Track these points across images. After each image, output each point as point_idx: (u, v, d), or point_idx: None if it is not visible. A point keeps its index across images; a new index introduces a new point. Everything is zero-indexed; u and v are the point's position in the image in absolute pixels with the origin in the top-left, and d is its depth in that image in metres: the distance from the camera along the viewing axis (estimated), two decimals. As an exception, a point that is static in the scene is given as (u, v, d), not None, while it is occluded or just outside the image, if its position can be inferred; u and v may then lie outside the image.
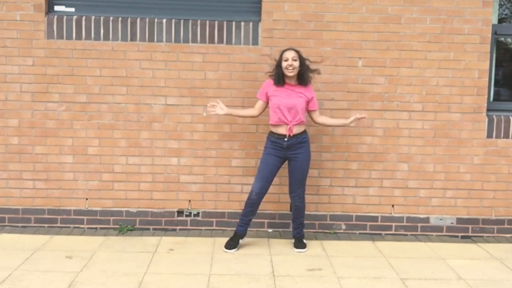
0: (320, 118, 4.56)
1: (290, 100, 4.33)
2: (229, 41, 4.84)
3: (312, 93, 4.47)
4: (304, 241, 4.61)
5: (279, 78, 4.38)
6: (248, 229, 4.59)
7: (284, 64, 4.32)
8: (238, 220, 4.56)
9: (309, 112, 4.51)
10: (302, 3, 4.80)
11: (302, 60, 4.38)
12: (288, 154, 4.40)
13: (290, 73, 4.32)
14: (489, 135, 4.97)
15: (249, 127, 4.88)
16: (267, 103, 4.47)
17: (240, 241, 4.55)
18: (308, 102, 4.43)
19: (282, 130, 4.36)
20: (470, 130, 4.95)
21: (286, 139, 4.35)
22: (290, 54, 4.33)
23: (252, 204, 4.45)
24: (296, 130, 4.36)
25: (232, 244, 4.49)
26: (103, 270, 3.96)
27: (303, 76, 4.39)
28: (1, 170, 4.87)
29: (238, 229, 4.53)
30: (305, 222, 4.94)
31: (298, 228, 4.60)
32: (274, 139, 4.39)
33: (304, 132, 4.44)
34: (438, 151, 4.96)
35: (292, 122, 4.32)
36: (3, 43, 4.76)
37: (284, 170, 4.58)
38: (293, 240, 4.63)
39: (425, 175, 4.98)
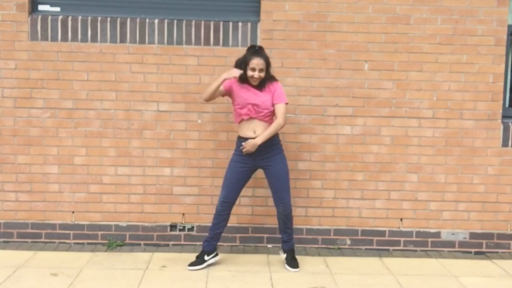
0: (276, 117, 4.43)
1: (257, 98, 4.37)
2: (225, 43, 4.90)
3: (275, 87, 4.43)
4: (296, 257, 4.63)
5: (243, 78, 4.38)
6: (247, 244, 4.63)
7: (249, 72, 4.33)
8: (230, 235, 4.58)
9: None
10: (304, 2, 4.87)
11: (268, 68, 4.39)
12: (258, 162, 4.42)
13: (254, 82, 4.38)
14: (505, 144, 5.03)
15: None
16: (225, 95, 4.49)
17: (206, 258, 4.51)
18: (272, 98, 4.40)
19: (249, 133, 4.37)
20: (484, 138, 5.02)
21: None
22: (258, 65, 4.31)
23: (218, 215, 4.49)
24: (263, 129, 4.36)
25: (196, 261, 4.49)
26: (90, 289, 4.03)
27: (264, 82, 4.40)
28: (-19, 181, 4.94)
29: (204, 245, 4.55)
30: (308, 237, 5.03)
31: (290, 240, 4.60)
32: (241, 144, 4.40)
33: (274, 135, 4.41)
34: (449, 160, 5.02)
35: (257, 116, 4.35)
36: (-16, 45, 4.83)
37: (289, 181, 4.66)
38: (283, 256, 4.60)
39: (436, 187, 5.05)
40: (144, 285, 4.09)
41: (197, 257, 4.54)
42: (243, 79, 4.40)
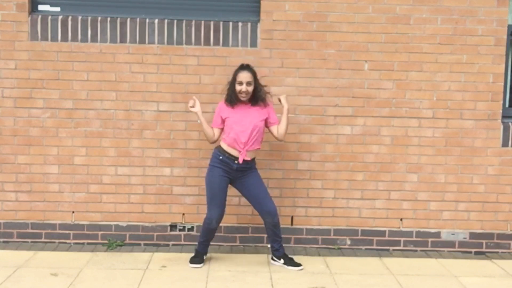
0: (279, 131, 4.53)
1: (247, 120, 4.39)
2: (225, 43, 4.92)
3: (268, 107, 4.51)
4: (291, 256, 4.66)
5: (232, 97, 4.41)
6: (247, 244, 4.65)
7: (237, 87, 4.36)
8: (230, 235, 4.61)
9: (268, 128, 4.55)
10: (304, 2, 4.88)
11: (256, 81, 4.42)
12: (236, 176, 4.46)
13: (243, 98, 4.40)
14: (505, 144, 5.05)
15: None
16: (223, 128, 4.52)
17: (204, 257, 4.63)
18: (266, 119, 4.49)
19: (235, 152, 4.41)
20: (484, 138, 5.04)
21: (236, 162, 4.40)
22: (245, 78, 4.36)
23: (213, 231, 4.52)
24: (249, 155, 4.42)
25: (197, 259, 4.57)
26: (91, 289, 4.05)
27: (256, 97, 4.43)
28: (-19, 181, 4.96)
29: (199, 248, 4.62)
30: (308, 237, 5.05)
31: (282, 247, 4.61)
32: (224, 158, 4.42)
33: (254, 158, 4.51)
34: (449, 160, 5.04)
35: (246, 147, 4.38)
36: (-16, 45, 4.85)
37: (289, 181, 4.71)
38: (281, 262, 4.60)
39: (435, 187, 5.06)
40: (144, 285, 4.11)
41: (195, 256, 4.60)
42: (233, 100, 4.41)
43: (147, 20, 4.90)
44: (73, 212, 5.00)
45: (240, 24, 4.93)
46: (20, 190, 4.96)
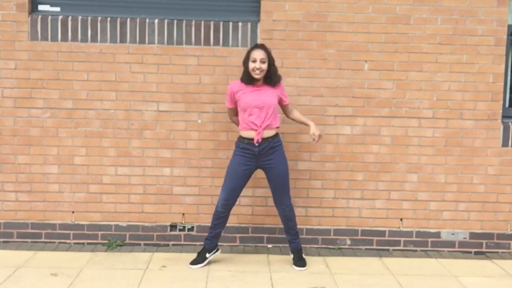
0: (292, 114, 4.65)
1: (259, 98, 4.38)
2: (225, 43, 4.93)
3: (282, 88, 4.54)
4: (304, 256, 4.68)
5: (248, 76, 4.41)
6: (247, 244, 4.66)
7: (251, 65, 4.35)
8: (230, 235, 4.63)
9: (281, 106, 4.60)
10: (304, 2, 4.89)
11: (271, 60, 4.41)
12: (260, 162, 4.44)
13: (257, 75, 4.36)
14: (505, 144, 5.06)
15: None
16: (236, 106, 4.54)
17: (208, 255, 4.59)
18: (280, 98, 4.51)
19: (252, 134, 4.39)
20: (484, 138, 5.04)
21: (257, 144, 4.38)
22: (258, 55, 4.34)
23: (219, 216, 4.52)
24: (266, 134, 4.40)
25: (197, 259, 4.56)
26: (91, 289, 4.05)
27: (271, 78, 4.44)
28: (-19, 181, 4.97)
29: (206, 243, 4.61)
30: (308, 237, 5.05)
31: (296, 240, 4.65)
32: (244, 145, 4.41)
33: (277, 135, 4.47)
34: (449, 160, 5.05)
35: (262, 126, 4.37)
36: (-16, 45, 4.86)
37: (289, 181, 4.68)
38: (291, 256, 4.68)
39: (435, 187, 5.07)
40: (144, 285, 4.11)
41: (198, 254, 4.59)
42: (248, 79, 4.41)
43: (147, 20, 4.90)
44: (73, 212, 5.01)
45: (240, 24, 4.93)
46: (20, 190, 4.97)
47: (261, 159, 4.42)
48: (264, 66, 4.35)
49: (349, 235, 5.11)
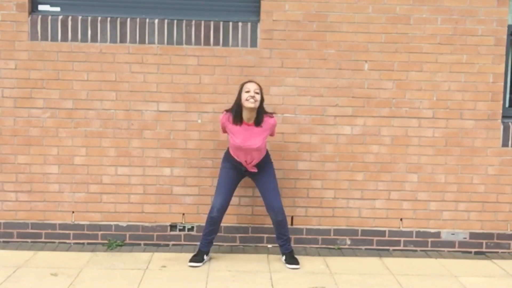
0: None
1: (250, 142, 4.39)
2: (225, 43, 4.93)
3: (270, 123, 4.48)
4: (296, 256, 4.68)
5: (237, 116, 4.37)
6: (247, 244, 4.67)
7: (245, 95, 4.31)
8: (230, 235, 4.66)
9: None
10: (304, 2, 4.89)
11: (262, 96, 4.39)
12: (249, 175, 4.59)
13: (251, 104, 4.27)
14: (505, 144, 5.06)
15: (247, 135, 4.97)
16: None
17: (205, 257, 4.64)
18: (267, 133, 4.51)
19: (241, 159, 4.49)
20: (484, 138, 5.04)
21: (244, 167, 4.53)
22: (252, 86, 4.35)
23: (214, 222, 4.56)
24: (256, 159, 4.50)
25: (197, 258, 4.59)
26: (91, 289, 4.05)
27: (260, 116, 4.40)
28: (-19, 181, 4.97)
29: (201, 246, 4.65)
30: (308, 237, 5.05)
31: (286, 244, 4.66)
32: (233, 162, 4.53)
33: (265, 156, 4.57)
34: (449, 160, 5.05)
35: (250, 163, 4.48)
36: (-16, 45, 4.86)
37: (289, 181, 4.72)
38: (282, 258, 4.68)
39: (435, 187, 5.07)
40: (144, 285, 4.11)
41: (195, 255, 4.61)
42: (237, 118, 4.39)
43: (147, 20, 4.90)
44: (73, 212, 5.01)
45: (240, 24, 4.93)
46: (20, 190, 4.97)
47: (248, 172, 4.56)
48: (258, 97, 4.32)
49: (349, 235, 5.11)
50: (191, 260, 4.57)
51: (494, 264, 4.86)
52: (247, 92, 4.31)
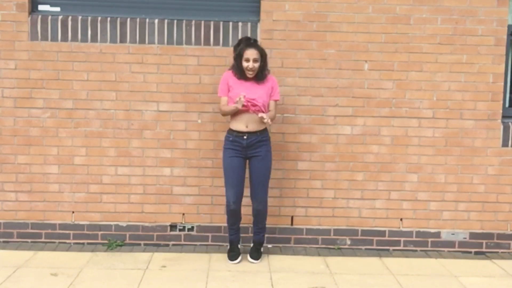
0: (270, 112, 4.60)
1: (252, 92, 4.43)
2: (225, 43, 4.93)
3: (272, 82, 4.58)
4: (261, 249, 4.77)
5: (241, 72, 4.48)
6: (247, 244, 4.68)
7: (244, 64, 4.43)
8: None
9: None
10: (304, 2, 4.89)
11: (263, 57, 4.47)
12: (248, 154, 4.53)
13: (250, 75, 4.46)
14: (505, 144, 5.06)
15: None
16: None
17: (239, 245, 4.74)
18: (270, 94, 4.55)
19: (241, 126, 4.47)
20: (484, 138, 5.04)
21: (245, 137, 4.48)
22: (251, 54, 4.41)
23: (234, 214, 4.60)
24: (255, 127, 4.47)
25: (234, 254, 4.66)
26: (91, 289, 4.05)
27: (261, 74, 4.50)
28: (-19, 181, 4.97)
29: (231, 238, 4.71)
30: (308, 237, 5.05)
31: (260, 233, 4.74)
32: (233, 138, 4.51)
33: (265, 130, 4.56)
34: (449, 160, 5.05)
35: (252, 109, 4.43)
36: (-16, 45, 4.85)
37: (289, 181, 4.71)
38: (251, 245, 4.77)
39: (435, 187, 5.07)
40: (144, 285, 4.11)
41: (231, 250, 4.70)
42: (240, 74, 4.47)
43: (147, 20, 4.90)
44: (73, 212, 5.01)
45: (240, 24, 4.93)
46: (20, 190, 4.97)
47: (248, 151, 4.52)
48: (257, 65, 4.44)
49: (349, 235, 5.11)
50: (230, 258, 4.65)
51: (494, 264, 4.86)
52: (246, 61, 4.41)
